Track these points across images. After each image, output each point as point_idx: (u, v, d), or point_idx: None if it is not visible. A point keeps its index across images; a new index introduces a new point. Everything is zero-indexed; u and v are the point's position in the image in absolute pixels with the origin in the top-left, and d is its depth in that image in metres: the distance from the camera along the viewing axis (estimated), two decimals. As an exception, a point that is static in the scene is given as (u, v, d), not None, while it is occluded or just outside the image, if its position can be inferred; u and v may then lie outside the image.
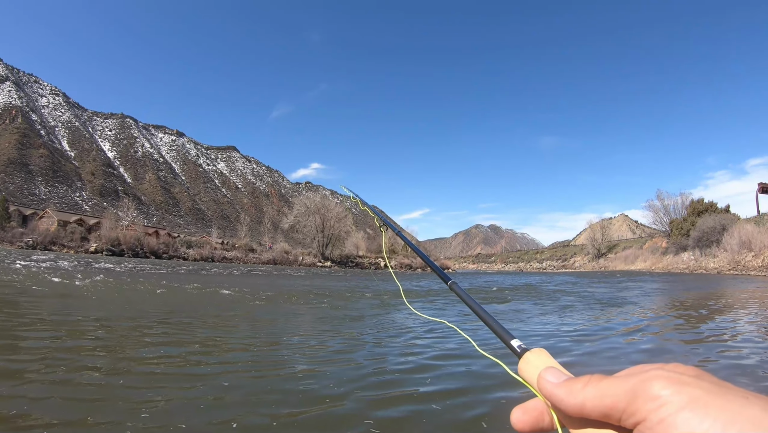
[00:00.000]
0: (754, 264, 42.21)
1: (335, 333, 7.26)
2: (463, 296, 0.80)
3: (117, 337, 6.05)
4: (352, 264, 68.03)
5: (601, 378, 0.44)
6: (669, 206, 75.69)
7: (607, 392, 0.42)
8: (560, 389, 0.46)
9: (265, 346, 6.06)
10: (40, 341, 5.50)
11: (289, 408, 3.44)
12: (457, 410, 3.54)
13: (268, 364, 5.03)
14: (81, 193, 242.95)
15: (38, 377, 3.96)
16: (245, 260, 61.46)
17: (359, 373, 4.56)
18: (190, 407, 3.40)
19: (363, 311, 10.52)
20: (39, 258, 27.16)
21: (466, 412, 3.48)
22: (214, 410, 3.36)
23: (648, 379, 0.40)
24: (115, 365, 4.50)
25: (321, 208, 74.70)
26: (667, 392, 0.38)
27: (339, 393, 3.83)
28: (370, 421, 3.21)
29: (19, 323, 6.51)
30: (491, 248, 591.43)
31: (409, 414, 3.42)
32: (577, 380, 0.46)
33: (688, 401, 0.36)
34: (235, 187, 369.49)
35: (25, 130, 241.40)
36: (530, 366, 0.53)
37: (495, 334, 0.65)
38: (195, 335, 6.47)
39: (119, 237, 55.65)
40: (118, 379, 4.01)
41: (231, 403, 3.50)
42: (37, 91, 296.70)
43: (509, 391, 3.87)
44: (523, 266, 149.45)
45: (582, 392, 0.44)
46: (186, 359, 4.93)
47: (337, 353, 5.69)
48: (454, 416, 3.42)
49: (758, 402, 0.35)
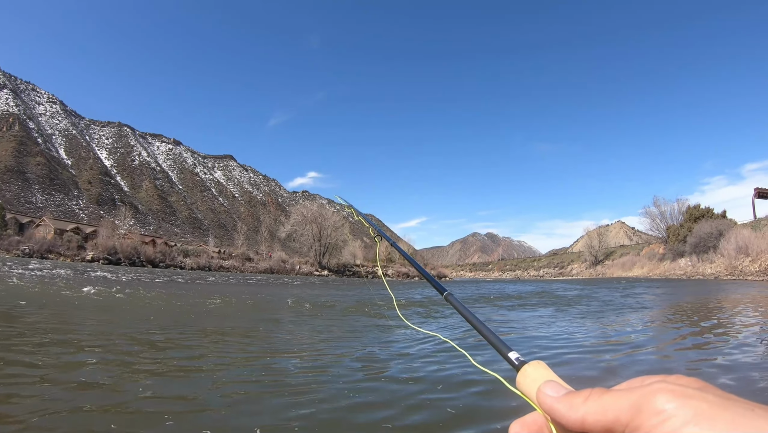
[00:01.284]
0: (751, 269, 42.28)
1: (329, 346, 7.22)
2: (459, 307, 0.79)
3: (114, 345, 6.00)
4: (349, 273, 67.89)
5: (602, 392, 0.43)
6: (666, 212, 76.14)
7: (610, 406, 0.40)
8: (561, 404, 0.45)
9: (262, 356, 6.02)
10: (34, 355, 5.44)
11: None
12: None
13: (261, 376, 5.00)
14: (78, 202, 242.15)
15: (33, 391, 3.92)
16: (242, 268, 61.26)
17: (348, 394, 4.53)
18: (205, 415, 3.37)
19: (357, 323, 10.48)
20: (35, 266, 26.99)
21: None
22: (232, 418, 3.35)
23: (651, 392, 0.38)
24: (117, 374, 4.46)
25: (318, 217, 74.71)
26: (672, 406, 0.36)
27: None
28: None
29: (13, 333, 6.45)
30: (488, 256, 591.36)
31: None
32: (577, 394, 0.45)
33: (693, 414, 0.35)
34: (232, 196, 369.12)
35: (22, 138, 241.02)
36: (528, 379, 0.52)
37: (492, 346, 0.64)
38: (193, 346, 6.43)
39: (116, 246, 55.45)
40: (126, 384, 3.97)
41: (247, 411, 3.47)
42: (35, 98, 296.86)
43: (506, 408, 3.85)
44: (521, 273, 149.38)
45: (583, 407, 0.42)
46: (184, 370, 4.89)
47: (326, 366, 5.65)
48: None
49: (765, 414, 0.34)
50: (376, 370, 5.16)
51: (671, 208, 75.46)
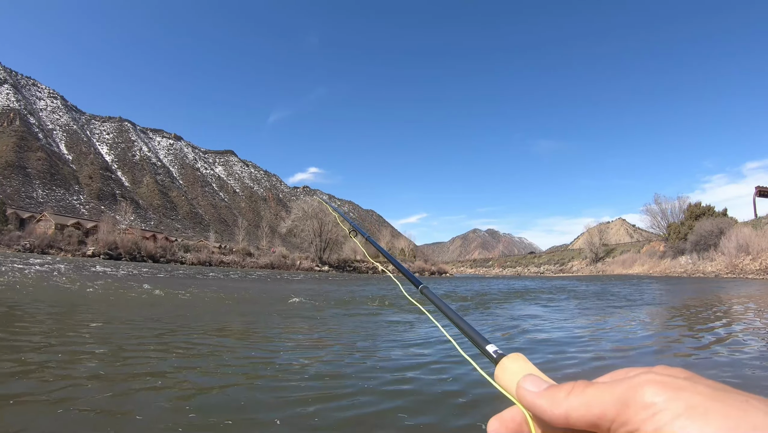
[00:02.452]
0: (751, 267, 42.34)
1: (342, 340, 7.23)
2: (435, 300, 0.79)
3: (115, 343, 6.01)
4: (350, 268, 68.03)
5: (586, 385, 0.40)
6: (666, 210, 76.07)
7: (594, 400, 0.38)
8: (542, 399, 0.42)
9: (262, 363, 6.03)
10: (37, 352, 5.45)
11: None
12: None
13: (276, 369, 5.00)
14: (78, 197, 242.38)
15: (36, 387, 3.92)
16: (243, 264, 61.30)
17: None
18: (225, 406, 3.37)
19: (366, 317, 10.49)
20: (36, 261, 27.04)
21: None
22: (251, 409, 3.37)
23: (639, 385, 0.36)
24: (117, 370, 4.47)
25: (319, 212, 74.69)
26: (661, 399, 0.34)
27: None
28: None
29: (14, 330, 6.47)
30: (489, 252, 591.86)
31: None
32: (559, 387, 0.42)
33: (685, 407, 0.33)
34: (233, 192, 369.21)
35: (22, 134, 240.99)
36: (507, 373, 0.49)
37: (468, 339, 0.62)
38: (200, 340, 6.43)
39: (117, 241, 55.50)
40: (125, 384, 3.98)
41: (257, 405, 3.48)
42: (35, 94, 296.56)
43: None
44: (521, 270, 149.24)
45: (566, 402, 0.40)
46: (188, 367, 4.90)
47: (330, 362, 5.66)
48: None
49: (760, 405, 0.32)
50: (387, 360, 5.17)
51: (672, 206, 75.43)
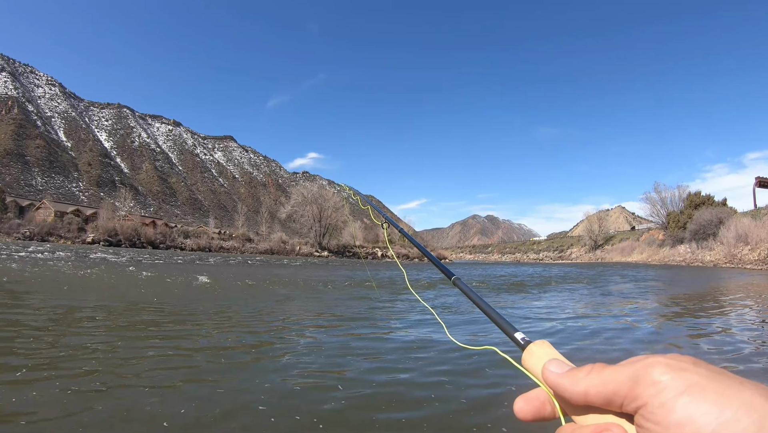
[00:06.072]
0: (750, 258, 42.48)
1: (348, 324, 7.25)
2: (467, 291, 0.82)
3: (115, 330, 6.03)
4: (349, 254, 68.19)
5: (603, 367, 0.46)
6: (666, 199, 76.07)
7: (609, 379, 0.44)
8: (564, 379, 0.48)
9: (265, 345, 6.05)
10: (36, 341, 5.47)
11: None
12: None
13: (287, 357, 5.02)
14: (78, 184, 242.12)
15: (34, 375, 3.94)
16: (242, 249, 61.48)
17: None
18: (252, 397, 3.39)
19: (369, 301, 10.52)
20: (36, 249, 27.08)
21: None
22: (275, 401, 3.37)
23: (648, 365, 0.42)
24: (114, 358, 4.49)
25: (318, 198, 74.62)
26: (667, 378, 0.40)
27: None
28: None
29: (15, 318, 6.48)
30: (488, 238, 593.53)
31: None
32: (579, 369, 0.48)
33: (686, 386, 0.39)
34: (232, 177, 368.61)
35: (21, 121, 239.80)
36: (534, 357, 0.55)
37: (498, 327, 0.67)
38: (194, 332, 6.46)
39: (116, 227, 55.60)
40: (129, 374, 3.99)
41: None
42: (33, 81, 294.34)
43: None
44: (520, 256, 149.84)
45: (585, 380, 0.46)
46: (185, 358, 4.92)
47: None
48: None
49: (752, 387, 0.37)
50: (396, 345, 5.20)
51: (672, 195, 75.42)
